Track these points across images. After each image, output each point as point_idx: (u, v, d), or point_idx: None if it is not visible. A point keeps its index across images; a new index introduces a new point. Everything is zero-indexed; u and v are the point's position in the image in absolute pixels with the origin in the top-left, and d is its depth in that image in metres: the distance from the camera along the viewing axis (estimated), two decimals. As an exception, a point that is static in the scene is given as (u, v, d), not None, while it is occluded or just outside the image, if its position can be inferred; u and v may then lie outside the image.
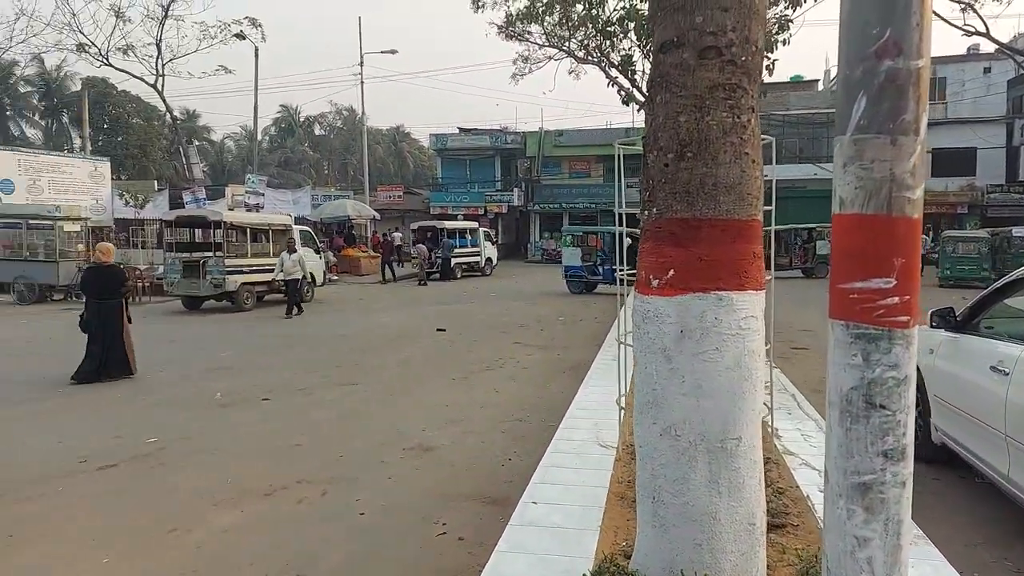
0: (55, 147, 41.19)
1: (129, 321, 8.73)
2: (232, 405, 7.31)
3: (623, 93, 12.60)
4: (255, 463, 5.43)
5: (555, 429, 6.25)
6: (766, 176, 2.85)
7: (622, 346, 4.72)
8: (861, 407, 1.37)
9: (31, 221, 18.58)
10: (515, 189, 39.43)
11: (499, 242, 30.84)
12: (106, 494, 4.78)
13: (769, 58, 8.31)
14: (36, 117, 47.40)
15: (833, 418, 1.40)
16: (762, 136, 4.35)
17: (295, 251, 15.77)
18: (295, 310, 15.45)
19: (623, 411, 4.68)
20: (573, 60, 23.77)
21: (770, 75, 8.56)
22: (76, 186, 32.43)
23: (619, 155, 4.42)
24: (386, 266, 25.63)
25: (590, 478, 3.88)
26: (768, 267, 3.43)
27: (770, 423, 4.83)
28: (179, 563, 3.75)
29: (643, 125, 2.80)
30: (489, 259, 28.70)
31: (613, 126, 39.48)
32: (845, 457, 1.35)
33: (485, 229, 30.10)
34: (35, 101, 46.50)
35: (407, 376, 8.82)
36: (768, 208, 4.16)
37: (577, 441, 4.61)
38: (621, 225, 4.50)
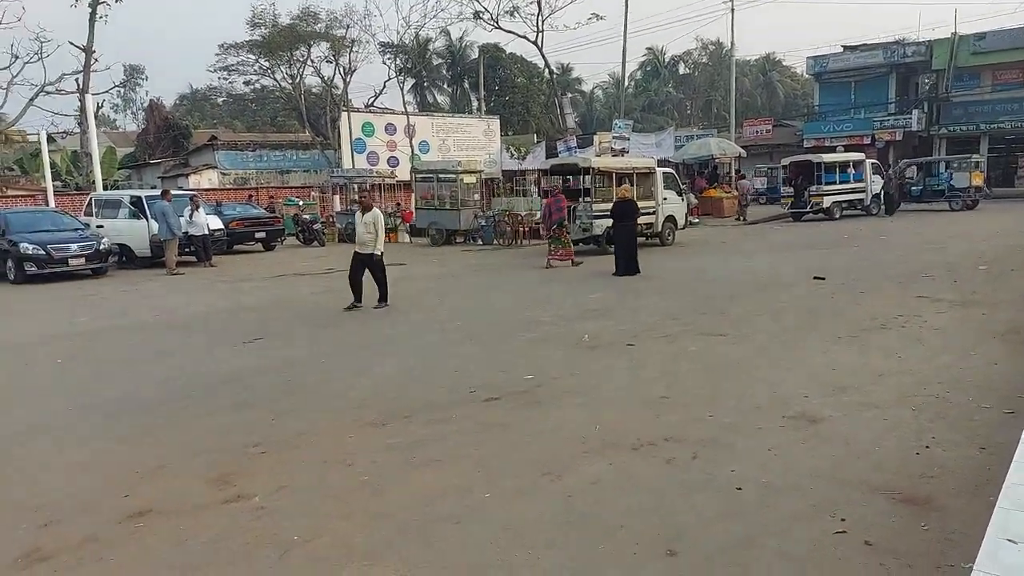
0: (458, 110, 47.98)
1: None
2: (599, 348, 7.37)
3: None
4: (621, 411, 5.30)
5: (991, 411, 4.88)
6: None
7: None
8: None
9: (440, 175, 21.77)
10: (914, 111, 33.17)
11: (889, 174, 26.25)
12: (489, 427, 5.10)
13: None
14: (444, 85, 55.80)
15: None
16: None
17: (369, 209, 10.43)
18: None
19: None
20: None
21: None
22: (473, 143, 37.46)
23: None
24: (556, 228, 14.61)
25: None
26: None
27: None
28: (552, 512, 3.73)
29: None
30: (876, 196, 24.75)
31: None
32: None
33: (873, 161, 25.97)
34: (444, 71, 54.62)
35: (781, 329, 7.88)
36: None
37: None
38: None
